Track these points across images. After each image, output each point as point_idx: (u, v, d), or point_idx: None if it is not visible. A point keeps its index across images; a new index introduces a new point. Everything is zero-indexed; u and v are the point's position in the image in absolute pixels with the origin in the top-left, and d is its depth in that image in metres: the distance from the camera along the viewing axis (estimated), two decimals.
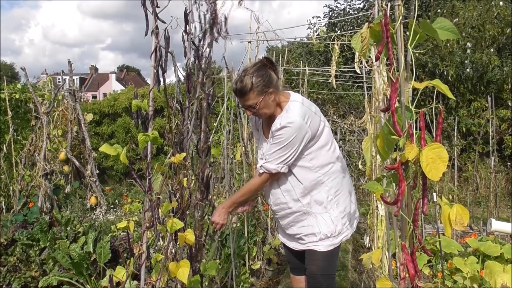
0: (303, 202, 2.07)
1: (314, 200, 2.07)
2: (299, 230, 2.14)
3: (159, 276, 1.68)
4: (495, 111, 6.45)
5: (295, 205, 2.09)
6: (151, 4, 1.71)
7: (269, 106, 2.02)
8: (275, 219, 2.30)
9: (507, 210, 6.20)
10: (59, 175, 5.41)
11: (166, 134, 1.84)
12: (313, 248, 2.11)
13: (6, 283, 3.24)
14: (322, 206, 2.07)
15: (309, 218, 2.10)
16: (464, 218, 1.07)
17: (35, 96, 5.30)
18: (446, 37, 1.15)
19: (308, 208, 2.08)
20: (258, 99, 1.97)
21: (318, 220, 2.08)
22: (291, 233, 2.19)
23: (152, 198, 1.68)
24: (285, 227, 2.21)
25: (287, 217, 2.15)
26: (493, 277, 2.52)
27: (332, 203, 2.08)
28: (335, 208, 2.08)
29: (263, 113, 2.04)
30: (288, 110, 2.02)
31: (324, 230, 2.07)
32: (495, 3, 8.14)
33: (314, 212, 2.09)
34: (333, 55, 4.00)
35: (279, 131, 1.98)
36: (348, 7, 12.59)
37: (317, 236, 2.08)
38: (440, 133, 1.14)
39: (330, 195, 2.07)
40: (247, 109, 2.06)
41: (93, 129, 9.58)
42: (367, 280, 3.32)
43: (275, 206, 2.17)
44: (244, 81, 1.97)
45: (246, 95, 1.98)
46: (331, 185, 2.08)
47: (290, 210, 2.11)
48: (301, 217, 2.11)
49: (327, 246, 2.08)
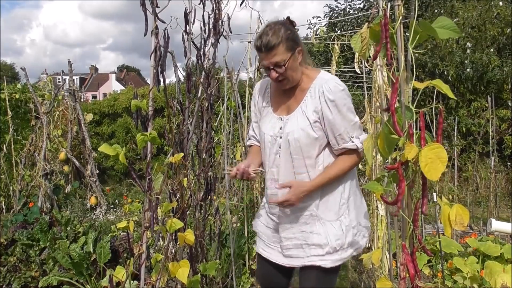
0: (315, 201, 1.73)
1: (325, 202, 1.74)
2: (301, 235, 1.75)
3: (159, 276, 1.68)
4: (495, 111, 6.45)
5: (307, 201, 1.73)
6: (151, 4, 1.71)
7: (296, 69, 1.71)
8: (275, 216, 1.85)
9: (507, 210, 6.20)
10: (59, 175, 5.40)
11: (166, 134, 1.84)
12: (317, 263, 1.72)
13: (6, 283, 3.24)
14: (333, 211, 1.74)
15: (316, 224, 1.74)
16: (464, 218, 1.07)
17: (35, 96, 5.30)
18: (447, 36, 1.14)
19: (317, 210, 1.74)
20: (287, 55, 1.67)
21: (327, 228, 1.73)
22: (289, 236, 1.78)
23: (152, 198, 1.68)
24: (283, 228, 1.80)
25: (291, 214, 1.77)
26: (493, 277, 2.52)
27: (343, 208, 1.75)
28: (347, 215, 1.75)
29: (289, 75, 1.70)
30: (325, 76, 1.74)
31: (333, 242, 1.71)
32: (495, 3, 8.14)
33: (323, 218, 1.73)
34: (333, 55, 4.01)
35: (340, 93, 1.67)
36: (349, 7, 12.59)
37: (323, 248, 1.71)
38: (441, 133, 1.14)
39: (343, 199, 1.75)
40: (272, 70, 1.69)
41: (93, 129, 9.58)
42: (367, 280, 3.33)
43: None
44: (271, 33, 1.66)
45: (273, 50, 1.65)
46: (346, 187, 1.77)
47: (301, 205, 1.73)
48: (308, 219, 1.75)
49: (334, 261, 1.72)
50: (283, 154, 1.74)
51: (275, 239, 1.85)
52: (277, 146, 1.76)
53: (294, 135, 1.71)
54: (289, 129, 1.73)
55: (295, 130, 1.71)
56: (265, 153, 1.82)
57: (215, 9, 2.17)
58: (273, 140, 1.77)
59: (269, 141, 1.79)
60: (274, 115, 1.82)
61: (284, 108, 1.81)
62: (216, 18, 2.17)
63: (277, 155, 1.76)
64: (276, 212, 1.82)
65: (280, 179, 1.75)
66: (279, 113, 1.81)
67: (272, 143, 1.78)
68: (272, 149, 1.78)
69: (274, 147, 1.77)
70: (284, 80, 1.72)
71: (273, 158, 1.78)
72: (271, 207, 1.84)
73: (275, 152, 1.77)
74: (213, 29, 2.18)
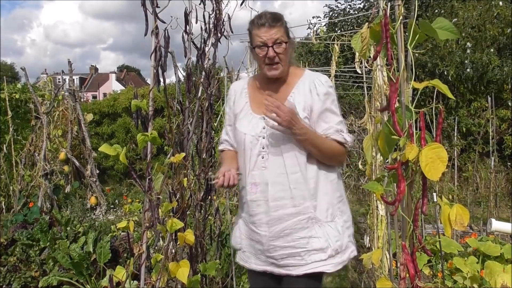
0: (311, 202, 1.62)
1: (322, 203, 1.64)
2: (299, 242, 1.61)
3: (159, 276, 1.68)
4: (495, 111, 6.45)
5: (302, 204, 1.61)
6: (151, 4, 1.71)
7: (285, 60, 1.67)
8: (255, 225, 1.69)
9: (507, 210, 6.20)
10: (59, 175, 5.41)
11: (166, 134, 1.84)
12: (319, 269, 1.60)
13: (6, 283, 3.24)
14: (328, 212, 1.65)
15: (315, 227, 1.62)
16: (464, 218, 1.07)
17: (35, 96, 5.30)
18: (445, 37, 1.15)
19: (314, 212, 1.62)
20: (286, 38, 1.65)
21: (326, 230, 1.62)
22: (283, 245, 1.62)
23: (152, 198, 1.68)
24: (274, 236, 1.63)
25: (284, 221, 1.61)
26: (493, 277, 2.52)
27: (336, 209, 1.68)
28: (340, 216, 1.68)
29: (283, 60, 1.65)
30: (313, 72, 1.75)
31: (335, 244, 1.62)
32: (495, 3, 8.14)
33: (321, 220, 1.63)
34: (333, 55, 4.01)
35: (331, 88, 1.69)
36: (349, 7, 12.60)
37: (326, 252, 1.60)
38: (440, 133, 1.14)
39: (334, 199, 1.68)
40: (270, 47, 1.62)
41: (93, 129, 9.58)
42: (367, 280, 3.33)
43: (274, 201, 1.62)
44: (273, 13, 1.65)
45: (276, 25, 1.62)
46: (337, 187, 1.71)
47: (295, 209, 1.61)
48: (305, 223, 1.61)
49: (336, 265, 1.62)
50: (271, 155, 1.63)
51: (264, 249, 1.67)
52: (259, 147, 1.65)
53: (280, 128, 1.60)
54: (273, 124, 1.60)
55: None
56: (245, 155, 1.69)
57: (215, 9, 2.17)
58: (254, 140, 1.66)
59: (250, 141, 1.67)
60: (254, 115, 1.71)
61: (259, 107, 1.70)
62: (216, 18, 2.17)
63: (260, 156, 1.64)
64: (261, 220, 1.66)
65: (269, 182, 1.62)
66: (260, 112, 1.69)
67: (253, 143, 1.66)
68: (253, 150, 1.66)
69: (256, 148, 1.65)
70: (278, 64, 1.65)
71: (254, 160, 1.65)
72: (251, 215, 1.69)
73: (257, 154, 1.65)
74: (213, 29, 2.18)
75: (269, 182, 1.62)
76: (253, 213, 1.67)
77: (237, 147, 1.78)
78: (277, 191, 1.61)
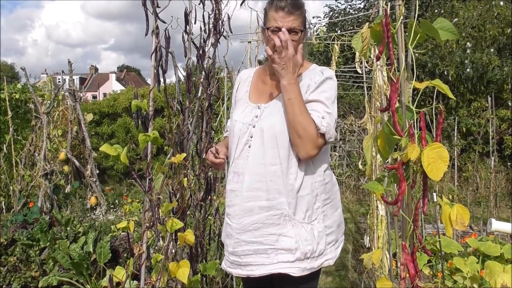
0: (287, 198, 1.52)
1: (299, 201, 1.54)
2: (267, 239, 1.53)
3: (159, 276, 1.68)
4: (495, 111, 6.45)
5: (276, 198, 1.53)
6: (152, 4, 1.71)
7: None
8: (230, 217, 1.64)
9: (507, 210, 6.20)
10: (59, 175, 5.41)
11: (166, 134, 1.84)
12: (284, 271, 1.52)
13: (6, 283, 3.24)
14: (307, 213, 1.55)
15: (287, 225, 1.53)
16: (465, 218, 1.07)
17: (35, 96, 5.30)
18: (445, 37, 1.15)
19: (289, 209, 1.53)
20: (302, 27, 1.58)
21: (299, 231, 1.53)
22: (250, 239, 1.55)
23: (152, 198, 1.68)
24: (242, 229, 1.56)
25: (255, 214, 1.54)
26: (493, 277, 2.52)
27: (318, 212, 1.57)
28: (321, 221, 1.57)
29: (294, 49, 1.54)
30: (317, 67, 1.67)
31: (305, 247, 1.52)
32: (495, 3, 8.14)
33: (295, 219, 1.53)
34: (333, 55, 4.01)
35: (327, 81, 1.58)
36: (349, 7, 12.60)
37: (294, 254, 1.52)
38: (440, 133, 1.14)
39: (318, 201, 1.57)
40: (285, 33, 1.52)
41: (93, 129, 9.58)
42: (367, 280, 3.33)
43: (248, 191, 1.55)
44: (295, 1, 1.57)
45: (296, 13, 1.55)
46: (325, 189, 1.61)
47: (268, 203, 1.53)
48: (277, 220, 1.53)
49: (303, 269, 1.53)
50: (254, 145, 1.57)
51: (232, 242, 1.60)
52: (248, 135, 1.60)
53: (271, 121, 1.55)
54: (266, 115, 1.58)
55: (275, 114, 1.56)
56: (233, 142, 1.65)
57: (215, 9, 2.17)
58: (244, 128, 1.61)
59: (239, 129, 1.62)
60: (250, 104, 1.68)
61: (265, 97, 1.66)
62: (216, 18, 2.17)
63: (247, 145, 1.59)
64: (235, 212, 1.60)
65: (247, 172, 1.56)
66: (257, 101, 1.67)
67: (243, 131, 1.61)
68: (242, 138, 1.61)
69: (245, 137, 1.61)
70: (288, 53, 1.55)
71: (240, 149, 1.61)
72: (228, 205, 1.64)
73: (244, 142, 1.60)
74: (213, 29, 2.18)
75: (246, 174, 1.57)
76: (230, 203, 1.63)
77: (229, 134, 1.75)
78: (254, 181, 1.55)
